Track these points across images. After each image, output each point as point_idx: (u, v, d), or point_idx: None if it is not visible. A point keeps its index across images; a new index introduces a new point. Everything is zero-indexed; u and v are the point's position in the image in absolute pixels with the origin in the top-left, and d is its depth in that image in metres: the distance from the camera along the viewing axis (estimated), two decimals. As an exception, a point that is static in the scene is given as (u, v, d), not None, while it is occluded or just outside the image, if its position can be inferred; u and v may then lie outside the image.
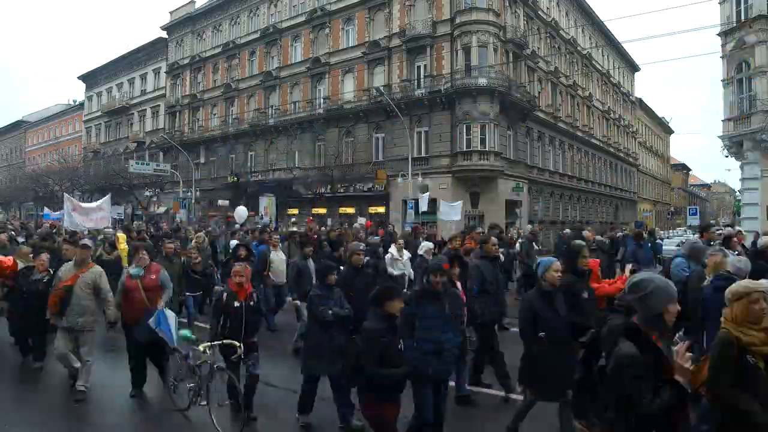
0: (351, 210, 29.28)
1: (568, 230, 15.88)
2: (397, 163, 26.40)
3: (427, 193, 20.61)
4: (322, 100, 31.53)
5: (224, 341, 4.87)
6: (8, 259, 7.02)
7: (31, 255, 7.46)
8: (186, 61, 40.92)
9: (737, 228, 12.63)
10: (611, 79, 43.53)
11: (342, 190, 28.64)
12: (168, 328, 5.58)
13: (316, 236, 11.81)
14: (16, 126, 65.09)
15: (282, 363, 7.01)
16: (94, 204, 13.22)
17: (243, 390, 4.99)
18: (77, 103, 57.10)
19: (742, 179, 20.87)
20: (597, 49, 39.83)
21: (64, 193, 15.86)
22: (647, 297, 2.51)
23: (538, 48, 31.06)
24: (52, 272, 6.53)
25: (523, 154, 29.26)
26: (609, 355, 2.53)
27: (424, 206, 19.88)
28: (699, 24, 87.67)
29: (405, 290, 7.20)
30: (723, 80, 21.13)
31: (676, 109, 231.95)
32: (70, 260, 6.39)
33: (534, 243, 12.41)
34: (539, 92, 30.85)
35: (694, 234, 18.31)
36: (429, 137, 27.05)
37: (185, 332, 5.56)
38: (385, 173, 26.85)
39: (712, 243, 7.25)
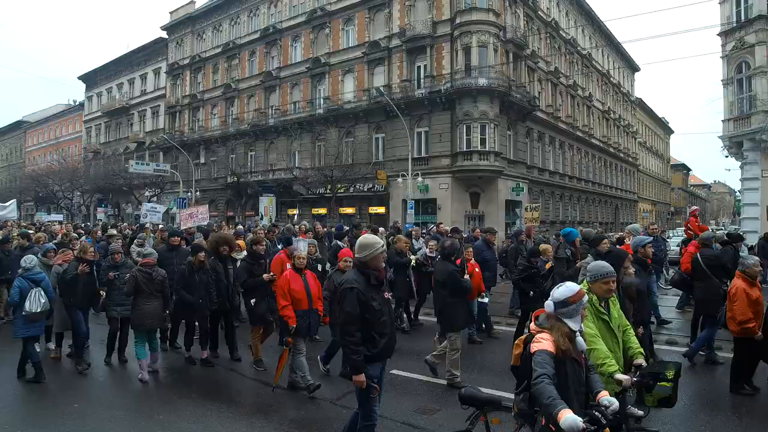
0: (351, 210, 29.29)
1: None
2: (397, 163, 26.40)
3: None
4: (322, 100, 31.51)
5: None
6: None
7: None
8: (186, 62, 40.91)
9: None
10: (611, 79, 43.51)
11: (342, 191, 28.64)
12: None
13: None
14: (16, 126, 65.12)
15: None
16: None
17: None
18: (77, 103, 57.09)
19: (742, 179, 20.85)
20: (597, 49, 39.84)
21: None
22: None
23: (538, 48, 31.05)
24: None
25: (523, 154, 29.24)
26: None
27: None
28: (699, 24, 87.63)
29: None
30: (723, 80, 21.12)
31: (676, 109, 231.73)
32: None
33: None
34: (539, 92, 30.84)
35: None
36: (429, 137, 27.04)
37: None
38: (386, 173, 26.84)
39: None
